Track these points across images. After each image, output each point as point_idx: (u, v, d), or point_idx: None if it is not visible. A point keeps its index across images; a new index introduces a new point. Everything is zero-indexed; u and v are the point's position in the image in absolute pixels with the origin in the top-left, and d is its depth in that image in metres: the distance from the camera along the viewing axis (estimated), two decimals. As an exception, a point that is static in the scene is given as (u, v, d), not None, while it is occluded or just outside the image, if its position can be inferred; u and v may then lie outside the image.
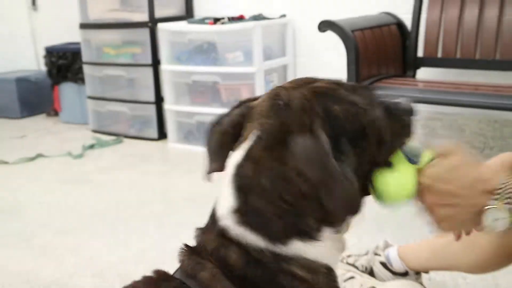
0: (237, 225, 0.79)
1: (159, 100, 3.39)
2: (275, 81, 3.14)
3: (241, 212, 0.79)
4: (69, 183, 2.72)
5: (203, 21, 3.11)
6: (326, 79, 0.84)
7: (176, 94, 3.27)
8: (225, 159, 0.85)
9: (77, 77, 3.80)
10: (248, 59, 2.98)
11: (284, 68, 3.21)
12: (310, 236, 0.78)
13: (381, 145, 0.82)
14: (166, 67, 3.23)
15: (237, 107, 0.88)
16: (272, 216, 0.77)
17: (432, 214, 0.85)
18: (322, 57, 3.09)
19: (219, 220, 0.81)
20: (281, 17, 3.16)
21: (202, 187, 2.89)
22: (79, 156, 3.13)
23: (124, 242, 2.02)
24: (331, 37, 2.30)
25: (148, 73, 3.37)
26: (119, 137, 3.47)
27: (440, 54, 2.54)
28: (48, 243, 2.05)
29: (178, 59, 3.20)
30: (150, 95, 3.40)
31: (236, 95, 3.06)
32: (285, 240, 0.77)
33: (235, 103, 0.89)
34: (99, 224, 2.20)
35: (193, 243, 0.84)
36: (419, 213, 0.87)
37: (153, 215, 2.26)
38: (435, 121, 2.79)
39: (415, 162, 0.84)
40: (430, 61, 2.58)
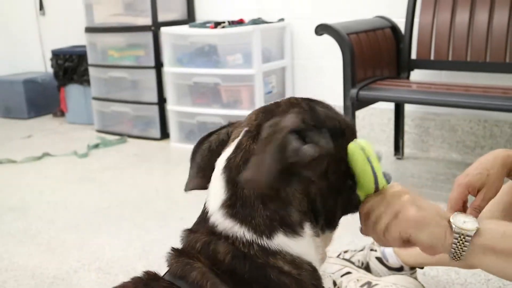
0: (226, 218, 0.79)
1: (161, 101, 3.43)
2: (273, 82, 3.17)
3: (230, 204, 0.80)
4: (74, 181, 2.75)
5: (204, 25, 3.13)
6: None
7: (178, 95, 3.30)
8: (209, 176, 0.86)
9: (82, 79, 3.84)
10: (247, 61, 3.01)
11: (283, 70, 3.23)
12: (293, 230, 0.79)
13: None
14: (169, 69, 3.26)
15: (225, 126, 0.91)
16: (259, 204, 0.78)
17: (416, 245, 0.87)
18: (319, 60, 3.12)
19: (208, 217, 0.81)
20: (280, 21, 3.18)
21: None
22: (84, 156, 3.16)
23: (127, 239, 2.04)
24: (327, 40, 2.32)
25: (151, 75, 3.41)
26: (123, 137, 3.50)
27: (432, 56, 2.55)
28: (53, 239, 2.07)
29: (180, 61, 3.24)
30: (153, 96, 3.44)
31: (236, 96, 3.10)
32: (271, 233, 0.78)
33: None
34: (103, 221, 2.22)
35: (180, 245, 0.84)
36: None
37: (155, 212, 2.28)
38: (428, 121, 2.84)
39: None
40: (423, 63, 2.59)
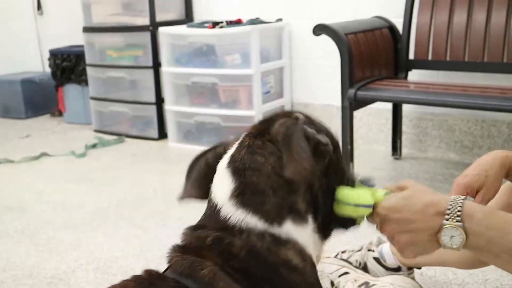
0: (238, 208, 0.81)
1: (159, 101, 3.43)
2: (271, 82, 3.17)
3: (240, 192, 0.81)
4: (73, 181, 2.75)
5: (202, 25, 3.13)
6: None
7: (176, 95, 3.30)
8: (206, 189, 0.87)
9: (80, 78, 3.83)
10: (245, 61, 3.01)
11: (281, 70, 3.24)
12: (300, 217, 0.82)
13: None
14: (167, 69, 3.27)
15: (221, 144, 0.94)
16: (268, 190, 0.81)
17: (394, 243, 0.89)
18: (317, 60, 3.12)
19: (218, 210, 0.82)
20: (278, 21, 3.18)
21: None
22: (82, 155, 3.16)
23: (125, 238, 2.04)
24: (325, 40, 2.32)
25: (149, 75, 3.41)
26: (121, 136, 3.50)
27: (430, 56, 2.56)
28: (51, 239, 2.07)
29: (178, 61, 3.24)
30: (151, 96, 3.44)
31: (234, 97, 3.10)
32: (280, 220, 0.80)
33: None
34: (101, 221, 2.22)
35: (183, 242, 0.84)
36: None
37: (153, 211, 2.28)
38: (426, 121, 2.84)
39: (371, 185, 0.93)
40: (421, 63, 2.60)
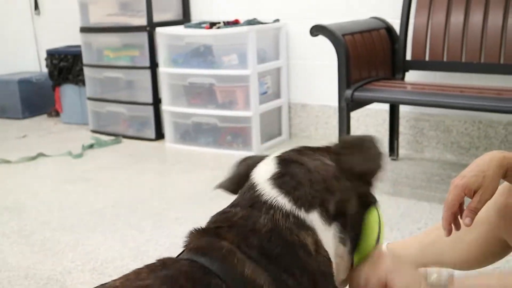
0: (273, 188, 0.85)
1: (156, 102, 3.43)
2: (268, 83, 3.17)
3: (279, 176, 0.87)
4: (69, 181, 2.75)
5: (199, 25, 3.14)
6: None
7: (173, 96, 3.30)
8: (239, 187, 0.92)
9: (77, 79, 3.83)
10: (243, 62, 3.01)
11: (278, 71, 3.24)
12: (327, 215, 0.86)
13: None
14: (164, 69, 3.27)
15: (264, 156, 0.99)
16: (306, 181, 0.86)
17: None
18: (314, 60, 3.13)
19: (255, 186, 0.87)
20: (275, 21, 3.18)
21: (197, 185, 2.94)
22: (79, 156, 3.16)
23: (122, 239, 2.04)
24: (322, 41, 2.32)
25: (146, 75, 3.41)
26: (117, 137, 3.50)
27: (427, 57, 2.57)
28: (47, 240, 2.07)
29: (175, 62, 3.24)
30: (148, 96, 3.44)
31: (231, 97, 3.10)
32: (309, 208, 0.84)
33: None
34: (97, 221, 2.22)
35: (203, 226, 0.85)
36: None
37: (150, 212, 2.28)
38: (423, 122, 2.84)
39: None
40: (418, 64, 2.61)
